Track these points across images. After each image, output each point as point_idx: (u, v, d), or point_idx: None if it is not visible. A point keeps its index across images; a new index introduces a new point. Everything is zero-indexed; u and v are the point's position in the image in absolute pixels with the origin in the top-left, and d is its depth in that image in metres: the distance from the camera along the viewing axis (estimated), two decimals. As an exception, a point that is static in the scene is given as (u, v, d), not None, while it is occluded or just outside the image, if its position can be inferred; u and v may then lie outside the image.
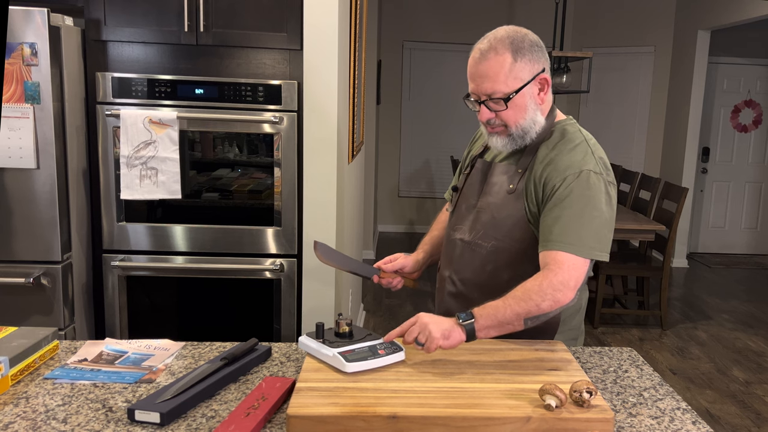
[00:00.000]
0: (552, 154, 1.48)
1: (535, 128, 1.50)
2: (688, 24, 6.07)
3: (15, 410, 1.21)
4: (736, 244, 6.73)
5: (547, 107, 1.54)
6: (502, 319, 1.36)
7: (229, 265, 2.55)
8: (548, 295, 1.36)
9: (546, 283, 1.37)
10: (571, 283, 1.38)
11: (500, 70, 1.42)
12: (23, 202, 2.30)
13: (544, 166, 1.48)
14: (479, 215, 1.57)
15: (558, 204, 1.43)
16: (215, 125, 2.48)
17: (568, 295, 1.38)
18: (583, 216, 1.41)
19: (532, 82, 1.46)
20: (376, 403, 1.17)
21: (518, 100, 1.45)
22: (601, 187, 1.44)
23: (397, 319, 4.45)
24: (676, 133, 6.24)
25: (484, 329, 1.36)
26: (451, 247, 1.64)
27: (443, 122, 7.06)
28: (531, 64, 1.45)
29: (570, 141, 1.49)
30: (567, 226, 1.40)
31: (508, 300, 1.37)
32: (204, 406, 1.24)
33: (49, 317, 2.36)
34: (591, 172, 1.44)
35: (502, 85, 1.43)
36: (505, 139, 1.51)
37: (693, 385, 3.61)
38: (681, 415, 1.26)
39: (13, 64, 2.21)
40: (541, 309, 1.37)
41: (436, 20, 6.80)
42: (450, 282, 1.63)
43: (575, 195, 1.42)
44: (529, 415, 1.13)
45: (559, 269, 1.38)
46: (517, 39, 1.44)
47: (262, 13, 2.43)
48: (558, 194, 1.43)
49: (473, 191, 1.62)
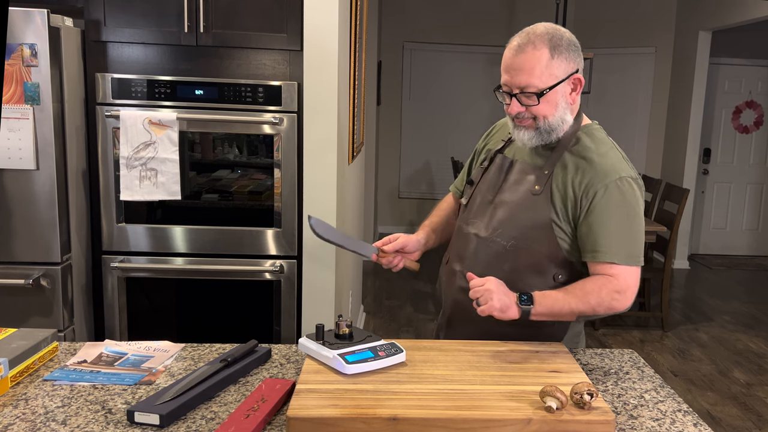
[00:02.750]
0: (586, 158, 1.48)
1: (562, 127, 1.50)
2: (689, 25, 6.07)
3: (14, 412, 1.21)
4: (738, 245, 6.72)
5: (576, 108, 1.54)
6: (557, 311, 1.44)
7: (229, 267, 2.54)
8: (605, 302, 1.44)
9: (605, 291, 1.43)
10: (628, 292, 1.45)
11: (537, 64, 1.43)
12: (23, 203, 2.30)
13: (577, 170, 1.47)
14: (495, 211, 1.55)
15: (603, 212, 1.44)
16: (215, 126, 2.48)
17: (625, 304, 1.45)
18: (629, 225, 1.45)
19: (566, 81, 1.46)
20: (376, 404, 1.16)
21: (550, 97, 1.46)
22: (638, 193, 1.47)
23: (397, 321, 4.45)
24: (677, 134, 6.24)
25: (538, 315, 1.43)
26: (464, 242, 1.62)
27: (444, 123, 7.05)
28: (567, 62, 1.45)
29: (603, 145, 1.51)
30: (617, 237, 1.44)
31: (567, 296, 1.43)
32: (204, 408, 1.24)
33: (48, 319, 2.35)
34: (630, 178, 1.46)
35: (537, 80, 1.44)
36: (532, 133, 1.50)
37: (694, 386, 3.60)
38: (682, 417, 1.25)
39: (12, 65, 2.21)
40: (596, 312, 1.45)
41: (437, 21, 6.80)
42: (462, 277, 1.58)
43: (620, 203, 1.44)
44: (529, 417, 1.13)
45: (616, 279, 1.44)
46: (555, 36, 1.45)
47: (262, 13, 2.43)
48: (601, 201, 1.44)
49: (491, 186, 1.60)
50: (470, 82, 6.88)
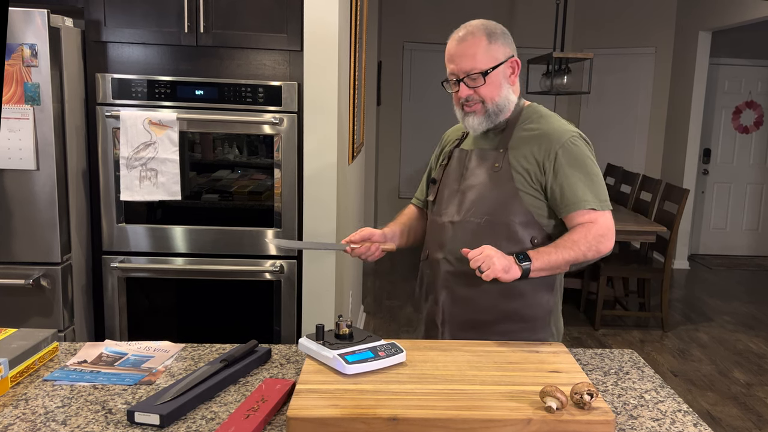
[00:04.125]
0: (538, 129, 1.63)
1: (508, 106, 1.65)
2: (689, 25, 6.07)
3: (14, 412, 1.21)
4: (738, 245, 6.72)
5: (518, 90, 1.69)
6: (553, 264, 1.55)
7: (229, 267, 2.54)
8: (593, 246, 1.56)
9: (591, 235, 1.56)
10: (609, 234, 1.59)
11: (477, 49, 1.60)
12: (23, 204, 2.30)
13: (532, 141, 1.62)
14: (464, 196, 1.67)
15: (568, 168, 1.58)
16: (215, 126, 2.48)
17: (609, 246, 1.59)
18: (592, 175, 1.60)
19: (505, 63, 1.63)
20: (377, 405, 1.16)
21: (494, 78, 1.61)
22: (588, 147, 1.64)
23: (397, 321, 4.44)
24: (677, 134, 6.24)
25: (536, 270, 1.54)
26: (440, 231, 1.71)
27: (444, 123, 6.99)
28: (503, 47, 1.63)
29: (547, 115, 1.68)
30: (585, 187, 1.58)
31: (558, 249, 1.56)
32: (204, 408, 1.24)
33: (48, 319, 2.35)
34: (578, 135, 1.63)
35: (480, 63, 1.60)
36: (481, 117, 1.64)
37: (694, 387, 3.60)
38: (682, 417, 1.25)
39: (13, 65, 2.21)
40: (587, 257, 1.57)
41: (437, 21, 6.79)
42: (446, 262, 1.68)
43: (579, 157, 1.60)
44: (529, 417, 1.13)
45: (595, 224, 1.57)
46: (489, 26, 1.65)
47: (262, 14, 2.43)
48: (563, 160, 1.58)
49: (454, 178, 1.72)
50: (470, 82, 6.88)
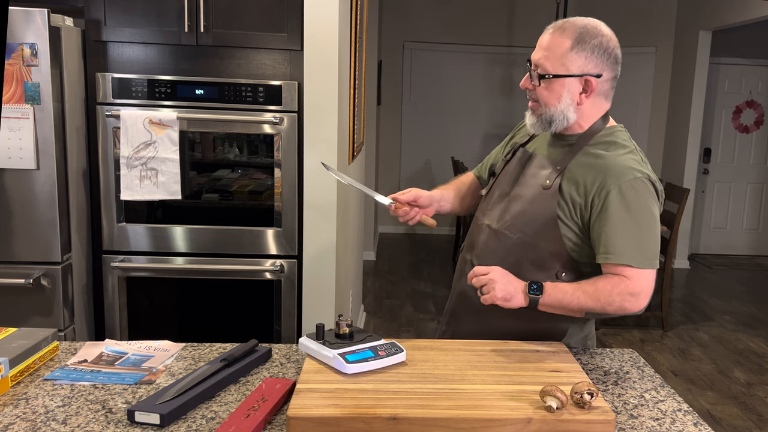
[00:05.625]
0: (603, 156, 1.46)
1: (563, 122, 1.49)
2: (689, 24, 6.06)
3: (15, 411, 1.21)
4: (738, 245, 6.72)
5: (590, 110, 1.50)
6: (566, 305, 1.42)
7: (229, 266, 2.54)
8: (616, 302, 1.41)
9: (617, 291, 1.40)
10: (642, 295, 1.41)
11: (556, 49, 1.45)
12: (23, 203, 2.30)
13: (591, 168, 1.45)
14: (510, 205, 1.56)
15: (617, 212, 1.40)
16: (215, 126, 2.48)
17: (639, 306, 1.42)
18: (643, 226, 1.42)
19: (577, 78, 1.45)
20: (377, 404, 1.16)
21: (555, 86, 1.46)
22: (655, 193, 1.44)
23: (398, 321, 4.45)
24: (678, 133, 6.23)
25: (545, 306, 1.42)
26: (477, 232, 1.63)
27: (444, 123, 7.06)
28: (586, 61, 1.45)
29: (621, 147, 1.48)
30: (631, 239, 1.41)
31: (577, 291, 1.41)
32: (204, 408, 1.24)
33: (48, 318, 2.35)
34: (646, 178, 1.43)
35: (548, 63, 1.46)
36: (534, 119, 1.53)
37: (694, 386, 3.60)
38: (682, 417, 1.25)
39: (13, 65, 2.21)
40: (606, 311, 1.43)
41: (437, 21, 6.80)
42: (471, 266, 1.59)
43: (634, 203, 1.41)
44: (529, 417, 1.13)
45: (630, 281, 1.40)
46: (589, 34, 1.45)
47: (263, 13, 2.43)
48: (614, 201, 1.41)
49: (509, 179, 1.61)
50: (470, 82, 6.88)
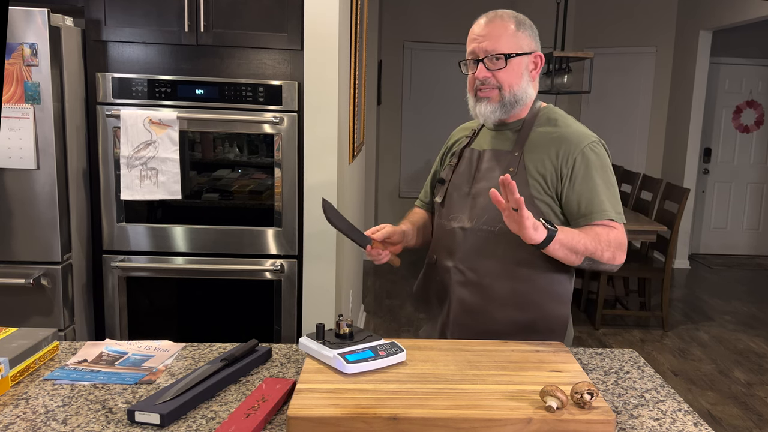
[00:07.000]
0: (556, 132, 1.56)
1: (526, 100, 1.58)
2: (689, 24, 6.06)
3: (15, 411, 1.21)
4: (738, 245, 6.72)
5: (536, 88, 1.61)
6: (575, 245, 1.45)
7: (230, 266, 2.54)
8: (611, 249, 1.49)
9: (612, 236, 1.50)
10: (624, 247, 1.52)
11: (504, 32, 1.54)
12: (23, 203, 2.30)
13: (550, 144, 1.54)
14: (475, 201, 1.59)
15: (587, 175, 1.51)
16: (215, 126, 2.48)
17: (622, 257, 1.52)
18: (611, 184, 1.54)
19: (529, 55, 1.57)
20: (377, 404, 1.16)
21: (516, 65, 1.54)
22: (607, 155, 1.57)
23: (398, 320, 4.45)
24: (678, 133, 6.23)
25: (558, 242, 1.42)
26: (450, 237, 1.64)
27: (444, 123, 7.04)
28: (529, 39, 1.57)
29: (565, 118, 1.61)
30: (605, 196, 1.51)
31: (581, 234, 1.47)
32: (204, 408, 1.24)
33: (49, 318, 2.36)
34: (598, 141, 1.56)
35: (504, 46, 1.53)
36: (495, 105, 1.56)
37: (694, 386, 3.60)
38: (682, 417, 1.25)
39: (13, 65, 2.21)
40: (603, 257, 1.49)
41: (437, 21, 6.79)
42: (457, 272, 1.61)
43: (598, 165, 1.53)
44: (530, 417, 1.13)
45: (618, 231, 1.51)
46: (519, 16, 1.59)
47: (263, 13, 2.43)
48: (582, 166, 1.51)
49: (465, 179, 1.64)
50: (471, 81, 6.87)
